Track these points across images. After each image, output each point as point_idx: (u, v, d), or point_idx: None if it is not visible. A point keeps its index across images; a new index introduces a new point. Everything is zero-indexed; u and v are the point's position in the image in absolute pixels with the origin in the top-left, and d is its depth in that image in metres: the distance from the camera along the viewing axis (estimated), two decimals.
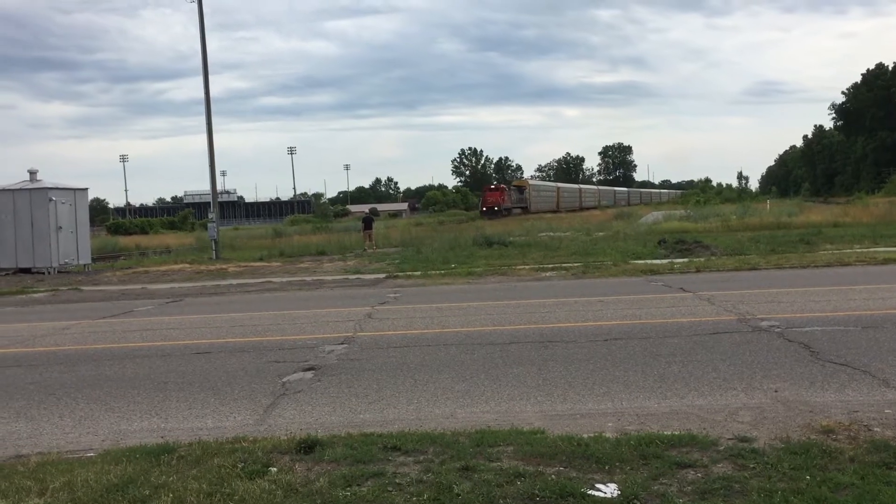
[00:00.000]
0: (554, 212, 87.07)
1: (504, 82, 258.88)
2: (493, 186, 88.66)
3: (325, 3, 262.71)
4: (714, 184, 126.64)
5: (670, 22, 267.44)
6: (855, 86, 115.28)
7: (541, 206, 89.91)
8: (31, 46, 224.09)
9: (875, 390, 6.91)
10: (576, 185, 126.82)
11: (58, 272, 26.81)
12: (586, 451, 5.36)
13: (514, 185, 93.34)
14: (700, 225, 37.06)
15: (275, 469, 5.32)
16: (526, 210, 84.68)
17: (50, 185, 27.75)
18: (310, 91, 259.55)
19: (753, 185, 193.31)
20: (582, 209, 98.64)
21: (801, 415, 6.20)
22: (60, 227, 27.15)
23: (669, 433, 5.75)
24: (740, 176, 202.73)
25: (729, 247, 23.92)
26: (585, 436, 5.77)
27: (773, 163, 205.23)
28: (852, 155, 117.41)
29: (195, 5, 32.38)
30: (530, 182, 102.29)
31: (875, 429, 5.75)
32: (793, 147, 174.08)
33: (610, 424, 6.18)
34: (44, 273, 26.60)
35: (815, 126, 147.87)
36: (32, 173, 28.16)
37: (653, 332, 10.11)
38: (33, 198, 26.89)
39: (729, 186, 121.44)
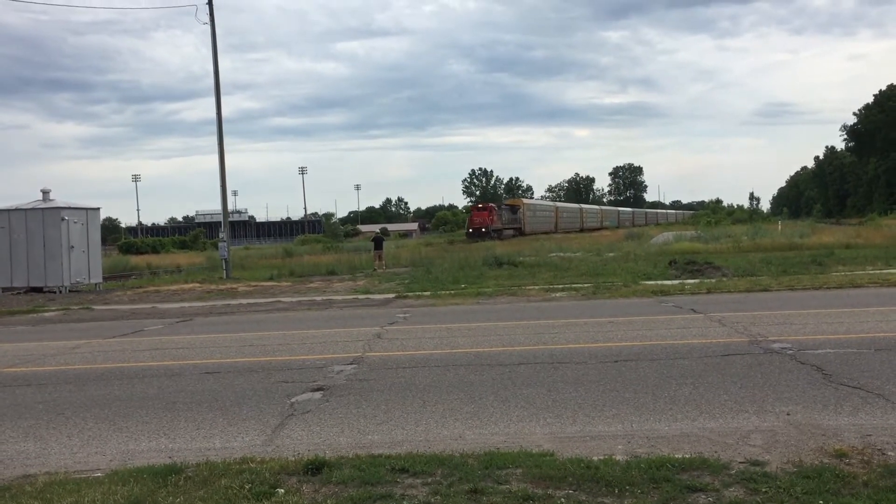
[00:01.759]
0: (552, 233, 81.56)
1: (513, 103, 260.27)
2: (480, 206, 79.69)
3: (336, 25, 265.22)
4: (725, 205, 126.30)
5: (678, 43, 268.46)
6: (867, 107, 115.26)
7: (537, 227, 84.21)
8: (45, 67, 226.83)
9: (889, 414, 6.82)
10: (576, 205, 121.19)
11: (69, 291, 26.95)
12: (596, 475, 5.32)
13: (507, 205, 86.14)
14: (711, 246, 36.89)
15: (282, 490, 5.29)
16: (520, 231, 78.58)
17: (62, 205, 27.97)
18: (320, 111, 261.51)
19: (765, 206, 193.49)
20: (583, 230, 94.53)
21: (813, 438, 6.14)
22: (72, 247, 27.32)
23: (680, 456, 5.70)
24: (751, 197, 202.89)
25: (740, 268, 23.81)
26: (595, 458, 5.72)
27: (784, 184, 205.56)
28: (864, 176, 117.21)
29: (206, 27, 32.68)
30: (525, 201, 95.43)
31: (889, 453, 5.68)
32: (804, 168, 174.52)
33: (620, 447, 6.13)
34: (55, 292, 26.74)
35: (827, 147, 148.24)
36: (45, 193, 28.40)
37: (663, 353, 10.04)
38: (46, 217, 27.10)
39: (740, 207, 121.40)
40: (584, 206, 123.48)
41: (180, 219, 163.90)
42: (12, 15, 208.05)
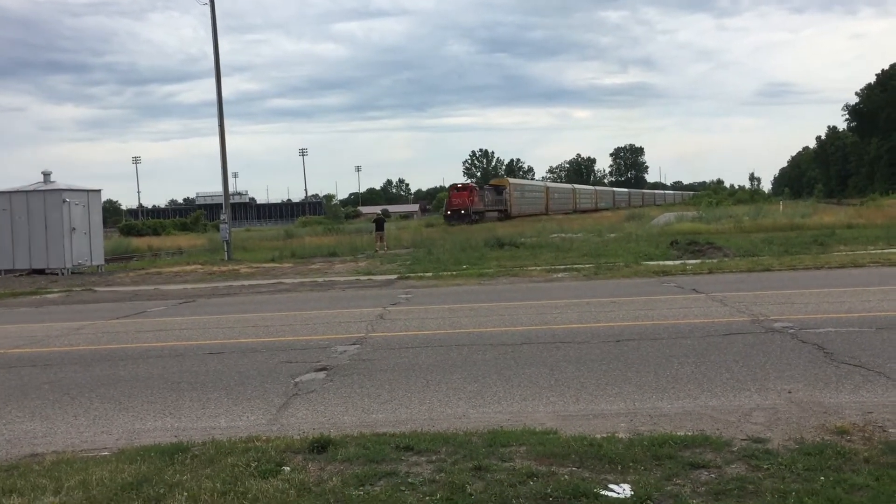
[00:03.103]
0: (541, 215, 77.71)
1: (513, 84, 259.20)
2: (459, 185, 71.93)
3: (334, 5, 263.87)
4: (726, 185, 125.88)
5: (678, 23, 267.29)
6: (869, 86, 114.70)
7: (525, 208, 79.65)
8: (43, 49, 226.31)
9: (890, 391, 6.86)
10: (569, 185, 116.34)
11: (71, 273, 26.99)
12: (599, 452, 5.36)
13: (491, 185, 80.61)
14: (712, 226, 36.90)
15: (288, 468, 5.34)
16: (506, 214, 73.55)
17: (64, 187, 27.91)
18: (320, 93, 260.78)
19: (766, 186, 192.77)
20: (576, 212, 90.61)
21: (815, 416, 6.17)
22: (74, 229, 27.32)
23: (682, 434, 5.74)
24: (752, 177, 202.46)
25: (742, 248, 23.83)
26: (598, 436, 5.76)
27: (785, 164, 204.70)
28: (866, 156, 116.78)
29: (205, 8, 32.67)
30: (511, 181, 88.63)
31: (890, 430, 5.72)
32: (805, 148, 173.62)
33: (623, 425, 6.17)
34: (57, 274, 26.78)
35: (829, 127, 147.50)
36: (46, 175, 28.35)
37: (665, 333, 10.08)
38: (47, 199, 27.07)
39: (741, 188, 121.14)
40: (577, 186, 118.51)
41: (181, 201, 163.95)
42: None
